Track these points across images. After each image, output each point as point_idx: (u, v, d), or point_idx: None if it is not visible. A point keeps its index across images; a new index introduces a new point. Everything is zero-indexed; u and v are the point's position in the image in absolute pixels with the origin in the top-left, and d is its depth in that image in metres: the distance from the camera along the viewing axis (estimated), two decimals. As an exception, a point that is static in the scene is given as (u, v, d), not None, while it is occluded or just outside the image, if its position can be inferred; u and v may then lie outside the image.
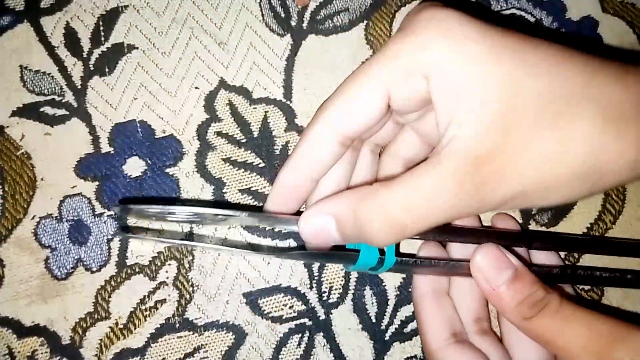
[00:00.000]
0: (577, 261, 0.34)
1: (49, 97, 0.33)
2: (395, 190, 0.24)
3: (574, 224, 0.34)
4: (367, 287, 0.33)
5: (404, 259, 0.28)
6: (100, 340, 0.31)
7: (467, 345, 0.29)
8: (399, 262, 0.28)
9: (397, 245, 0.31)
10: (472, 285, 0.30)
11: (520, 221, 0.34)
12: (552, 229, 0.34)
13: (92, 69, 0.34)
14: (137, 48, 0.34)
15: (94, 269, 0.31)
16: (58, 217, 0.32)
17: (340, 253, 0.28)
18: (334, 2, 0.36)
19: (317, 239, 0.26)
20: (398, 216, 0.24)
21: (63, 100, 0.33)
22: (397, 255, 0.28)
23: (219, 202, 0.33)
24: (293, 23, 0.36)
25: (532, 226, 0.34)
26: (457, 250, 0.31)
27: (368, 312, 0.32)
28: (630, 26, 0.38)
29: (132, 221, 0.32)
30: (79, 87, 0.33)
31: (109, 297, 0.31)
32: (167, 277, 0.32)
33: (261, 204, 0.33)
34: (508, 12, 0.37)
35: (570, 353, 0.25)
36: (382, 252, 0.27)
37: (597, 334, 0.24)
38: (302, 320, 0.32)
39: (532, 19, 0.37)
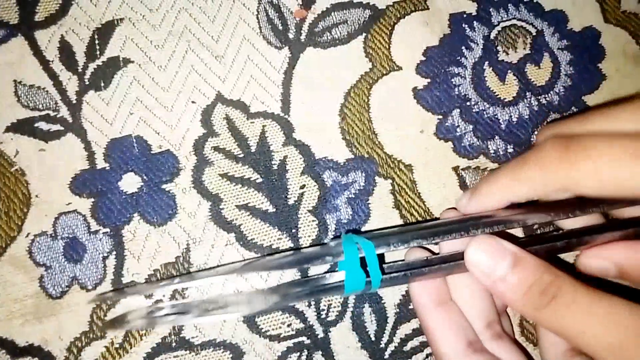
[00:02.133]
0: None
1: (43, 112, 0.33)
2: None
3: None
4: (366, 305, 0.32)
5: (392, 275, 0.27)
6: None
7: (486, 354, 0.27)
8: (387, 279, 0.27)
9: (382, 260, 0.30)
10: (473, 284, 0.28)
11: (521, 231, 0.33)
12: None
13: (87, 83, 0.33)
14: (133, 62, 0.34)
15: (90, 288, 0.31)
16: (53, 235, 0.31)
17: (328, 286, 0.27)
18: (333, 14, 0.36)
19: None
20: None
21: (58, 116, 0.33)
22: (383, 271, 0.27)
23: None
24: (291, 35, 0.35)
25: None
26: (446, 246, 0.29)
27: (367, 330, 0.32)
28: (633, 36, 0.37)
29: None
30: (74, 102, 0.33)
31: (105, 316, 0.31)
32: (164, 295, 0.31)
33: (259, 220, 0.32)
34: (509, 23, 0.36)
35: (593, 352, 0.23)
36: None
37: (623, 328, 0.22)
38: (300, 339, 0.31)
39: (533, 30, 0.36)
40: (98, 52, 0.34)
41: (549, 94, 0.36)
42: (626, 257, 0.27)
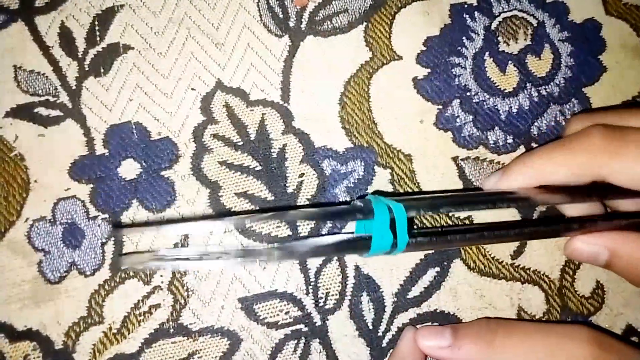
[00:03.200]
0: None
1: (43, 98, 0.33)
2: None
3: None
4: (364, 294, 0.32)
5: (419, 239, 0.26)
6: (94, 345, 0.30)
7: None
8: (412, 244, 0.26)
9: (411, 223, 0.29)
10: None
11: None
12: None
13: (87, 69, 0.33)
14: (132, 48, 0.34)
15: (88, 273, 0.31)
16: (52, 220, 0.31)
17: (353, 238, 0.26)
18: (333, 3, 0.35)
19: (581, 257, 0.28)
20: None
21: (57, 101, 0.33)
22: (410, 234, 0.26)
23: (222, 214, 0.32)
24: (291, 24, 0.35)
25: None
26: None
27: (365, 318, 0.32)
28: (634, 29, 0.37)
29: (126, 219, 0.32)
30: (74, 87, 0.33)
31: (103, 301, 0.31)
32: (162, 282, 0.31)
33: (257, 208, 0.32)
34: (510, 14, 0.36)
35: None
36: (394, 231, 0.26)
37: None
38: (298, 326, 0.31)
39: (534, 22, 0.36)
40: (98, 38, 0.34)
41: (550, 85, 0.36)
42: (617, 245, 0.27)
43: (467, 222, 0.33)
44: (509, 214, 0.33)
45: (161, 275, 0.31)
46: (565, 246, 0.29)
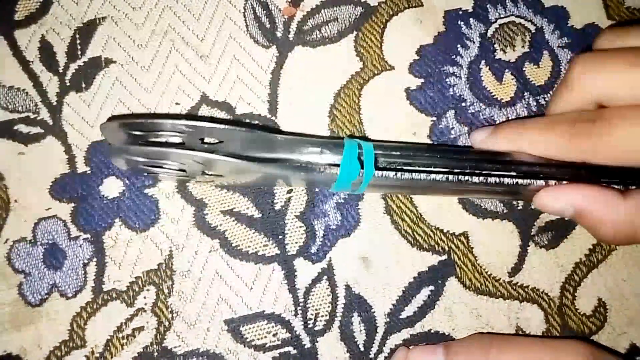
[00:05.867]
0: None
1: (23, 115, 0.32)
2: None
3: (575, 246, 0.33)
4: (355, 314, 0.31)
5: (384, 173, 0.28)
6: (76, 370, 0.30)
7: None
8: (379, 177, 0.28)
9: (377, 160, 0.29)
10: None
11: (519, 242, 0.32)
12: (552, 251, 0.32)
13: (68, 84, 0.32)
14: (115, 62, 0.33)
15: (70, 295, 0.30)
16: (32, 241, 0.30)
17: (323, 163, 0.28)
18: (322, 11, 0.34)
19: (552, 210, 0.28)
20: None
21: (38, 118, 0.32)
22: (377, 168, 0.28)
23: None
24: (279, 34, 0.34)
25: (531, 247, 0.32)
26: None
27: (356, 340, 0.31)
28: (637, 34, 0.35)
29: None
30: (55, 103, 0.32)
31: (85, 324, 0.30)
32: (146, 304, 0.30)
33: (244, 226, 0.31)
34: (507, 20, 0.35)
35: None
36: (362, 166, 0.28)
37: None
38: (286, 349, 0.30)
39: (532, 28, 0.35)
40: (79, 52, 0.33)
41: (549, 95, 0.34)
42: (583, 202, 0.27)
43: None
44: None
45: (145, 297, 0.30)
46: (533, 199, 0.28)
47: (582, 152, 0.26)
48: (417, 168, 0.28)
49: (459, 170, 0.28)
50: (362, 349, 0.31)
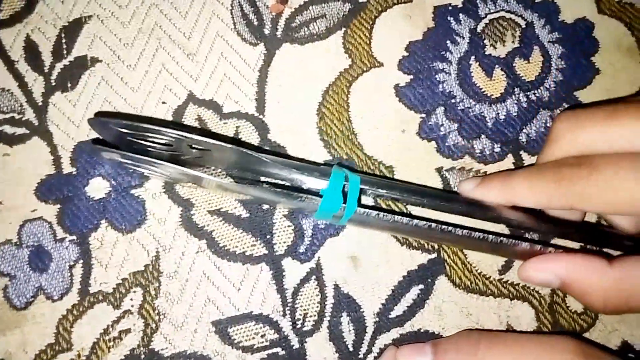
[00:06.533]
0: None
1: (8, 115, 0.32)
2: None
3: (567, 243, 0.32)
4: (344, 314, 0.31)
5: (367, 211, 0.27)
6: (62, 372, 0.29)
7: None
8: (360, 214, 0.27)
9: (360, 197, 0.29)
10: None
11: (509, 240, 0.32)
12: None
13: (53, 84, 0.32)
14: (101, 61, 0.32)
15: (55, 298, 0.30)
16: (17, 243, 0.30)
17: (306, 190, 0.28)
18: (310, 8, 0.34)
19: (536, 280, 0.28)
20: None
21: (23, 119, 0.31)
22: (359, 204, 0.27)
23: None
24: (266, 31, 0.34)
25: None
26: None
27: (345, 340, 0.30)
28: (629, 28, 0.35)
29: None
30: (40, 104, 0.32)
31: (71, 327, 0.30)
32: (132, 305, 0.30)
33: (232, 226, 0.31)
34: (497, 15, 0.35)
35: None
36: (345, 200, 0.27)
37: None
38: (274, 350, 0.30)
39: (522, 23, 0.35)
40: (65, 52, 0.32)
41: (539, 90, 0.34)
42: (567, 273, 0.26)
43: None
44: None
45: (131, 299, 0.30)
46: (518, 271, 0.28)
47: (568, 197, 0.26)
48: (401, 212, 0.29)
49: (444, 223, 0.28)
50: (351, 349, 0.30)
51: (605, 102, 0.33)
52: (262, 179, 0.30)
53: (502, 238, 0.28)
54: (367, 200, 0.31)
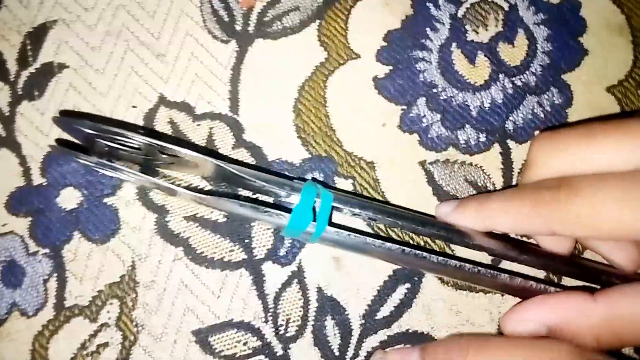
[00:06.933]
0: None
1: (-26, 128, 0.31)
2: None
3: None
4: (329, 317, 0.30)
5: (337, 230, 0.26)
6: (41, 390, 0.29)
7: None
8: (331, 233, 0.26)
9: (331, 215, 0.28)
10: None
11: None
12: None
13: (20, 93, 0.31)
14: (68, 67, 0.31)
15: (30, 313, 0.29)
16: (-11, 259, 0.29)
17: (275, 204, 0.27)
18: (283, 1, 0.33)
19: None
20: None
21: (-10, 130, 0.31)
22: (330, 223, 0.26)
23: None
24: (238, 27, 0.32)
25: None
26: None
27: (330, 344, 0.29)
28: (618, 5, 0.34)
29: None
30: (7, 114, 0.31)
31: (47, 343, 0.29)
32: (109, 318, 0.29)
33: (208, 231, 0.30)
34: (478, -2, 0.33)
35: None
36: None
37: None
38: (257, 358, 0.29)
39: (505, 5, 0.33)
40: (31, 59, 0.31)
41: (525, 75, 0.32)
42: (552, 317, 0.25)
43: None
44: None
45: (108, 312, 0.29)
46: (500, 323, 0.28)
47: (548, 220, 0.25)
48: (373, 234, 0.27)
49: (419, 247, 0.27)
50: (337, 353, 0.29)
51: (583, 121, 0.32)
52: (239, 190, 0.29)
53: (479, 268, 0.27)
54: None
